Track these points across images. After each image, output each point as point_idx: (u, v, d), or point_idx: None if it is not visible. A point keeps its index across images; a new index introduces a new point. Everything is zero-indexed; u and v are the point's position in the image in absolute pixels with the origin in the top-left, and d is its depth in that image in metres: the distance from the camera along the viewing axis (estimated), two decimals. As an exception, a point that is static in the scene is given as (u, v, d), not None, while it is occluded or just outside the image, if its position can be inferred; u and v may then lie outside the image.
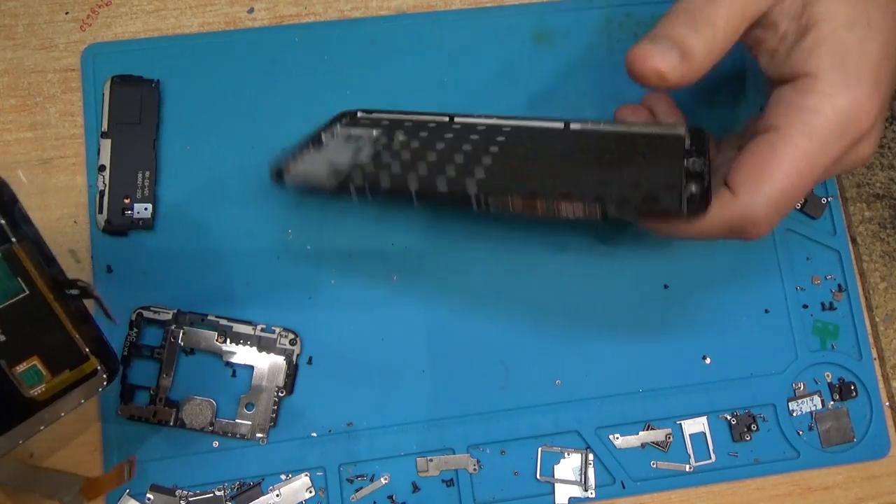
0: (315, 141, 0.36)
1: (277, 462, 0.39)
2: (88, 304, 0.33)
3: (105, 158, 0.40)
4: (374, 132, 0.36)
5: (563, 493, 0.39)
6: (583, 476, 0.39)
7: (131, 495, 0.38)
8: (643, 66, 0.31)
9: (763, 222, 0.32)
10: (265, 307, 0.40)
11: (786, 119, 0.31)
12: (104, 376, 0.32)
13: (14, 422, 0.30)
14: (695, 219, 0.32)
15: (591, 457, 0.39)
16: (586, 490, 0.39)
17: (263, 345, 0.39)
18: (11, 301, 0.30)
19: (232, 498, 0.38)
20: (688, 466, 0.40)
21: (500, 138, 0.35)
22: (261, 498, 0.38)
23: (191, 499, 0.38)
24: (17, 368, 0.30)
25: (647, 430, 0.40)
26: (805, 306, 0.42)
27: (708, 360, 0.41)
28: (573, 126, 0.35)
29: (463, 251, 0.41)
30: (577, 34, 0.43)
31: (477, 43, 0.42)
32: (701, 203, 0.31)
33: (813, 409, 0.41)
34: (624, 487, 0.39)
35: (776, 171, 0.31)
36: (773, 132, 0.31)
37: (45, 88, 0.41)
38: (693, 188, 0.31)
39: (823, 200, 0.42)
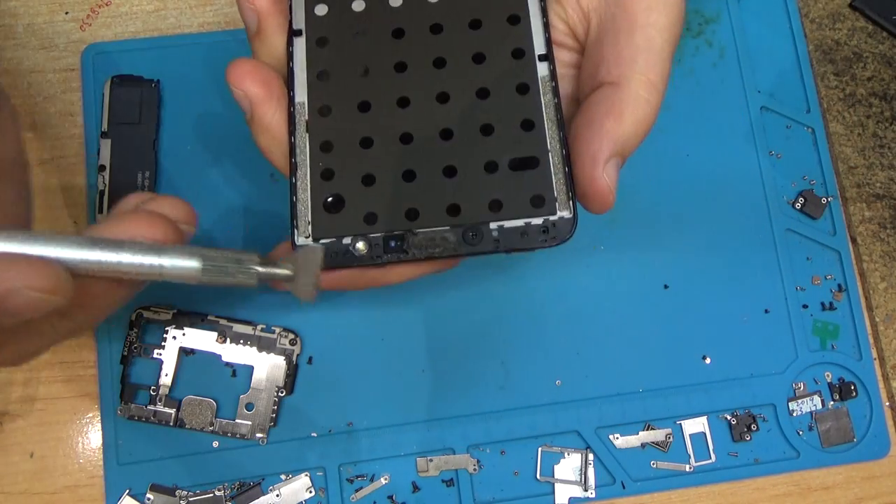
0: None
1: (277, 462, 0.39)
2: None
3: (105, 158, 0.40)
4: None
5: (563, 493, 0.39)
6: (583, 476, 0.39)
7: (131, 495, 0.38)
8: None
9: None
10: (265, 307, 0.40)
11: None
12: None
13: None
14: None
15: (591, 457, 0.39)
16: (586, 490, 0.39)
17: (263, 345, 0.39)
18: None
19: (232, 498, 0.38)
20: (688, 466, 0.40)
21: None
22: (261, 498, 0.38)
23: (191, 499, 0.38)
24: None
25: (647, 430, 0.40)
26: (805, 306, 0.42)
27: (708, 360, 0.41)
28: None
29: (463, 251, 0.41)
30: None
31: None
32: None
33: (813, 409, 0.41)
34: (624, 487, 0.39)
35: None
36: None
37: (45, 88, 0.41)
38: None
39: (823, 200, 0.42)
